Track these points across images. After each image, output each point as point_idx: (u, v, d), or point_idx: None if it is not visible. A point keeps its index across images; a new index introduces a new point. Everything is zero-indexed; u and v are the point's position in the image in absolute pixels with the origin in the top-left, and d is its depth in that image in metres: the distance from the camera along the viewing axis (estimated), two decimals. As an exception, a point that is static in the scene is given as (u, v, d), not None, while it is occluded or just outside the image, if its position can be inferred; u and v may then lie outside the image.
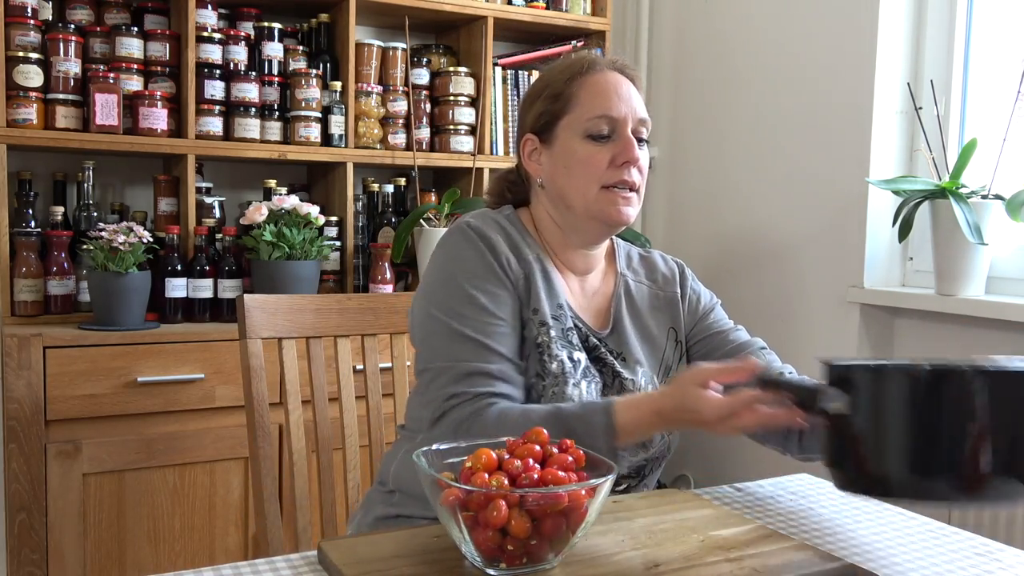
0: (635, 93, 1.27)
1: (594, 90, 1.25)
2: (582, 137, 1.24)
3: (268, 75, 2.39)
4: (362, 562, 0.89)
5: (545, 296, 1.24)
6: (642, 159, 1.26)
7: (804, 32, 2.37)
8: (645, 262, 1.41)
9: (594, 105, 1.24)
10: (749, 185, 2.56)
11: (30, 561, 1.93)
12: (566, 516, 0.85)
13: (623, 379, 1.26)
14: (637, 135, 1.26)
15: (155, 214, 2.34)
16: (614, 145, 1.24)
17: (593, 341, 1.27)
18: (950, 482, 0.89)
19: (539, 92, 1.29)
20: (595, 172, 1.23)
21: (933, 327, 2.13)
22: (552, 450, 0.93)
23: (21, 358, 1.90)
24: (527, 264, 1.25)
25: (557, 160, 1.26)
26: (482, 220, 1.27)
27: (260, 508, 1.42)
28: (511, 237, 1.27)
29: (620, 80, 1.27)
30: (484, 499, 0.84)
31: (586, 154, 1.24)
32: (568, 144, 1.25)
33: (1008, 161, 1.98)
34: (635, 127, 1.25)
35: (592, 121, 1.23)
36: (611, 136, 1.24)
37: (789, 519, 1.12)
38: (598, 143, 1.24)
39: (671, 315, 1.36)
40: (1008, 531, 1.85)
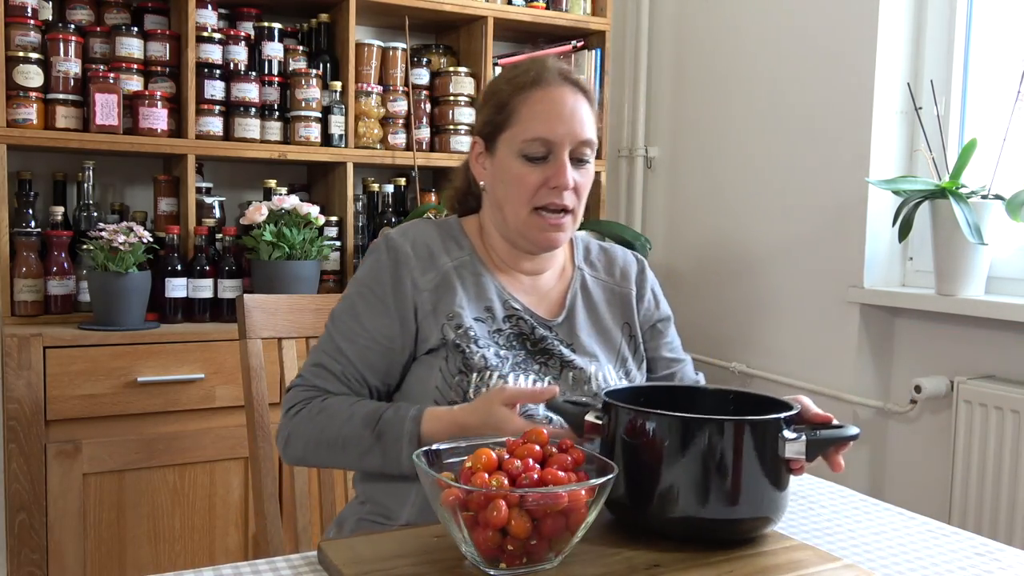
0: (582, 110, 1.24)
1: (535, 108, 1.22)
2: (517, 156, 1.23)
3: (268, 75, 2.39)
4: (362, 562, 0.89)
5: (467, 302, 1.24)
6: (580, 180, 1.24)
7: (804, 32, 2.37)
8: (604, 256, 1.40)
9: (532, 126, 1.22)
10: (749, 185, 2.56)
11: (30, 561, 1.93)
12: (566, 516, 0.86)
13: (575, 368, 1.26)
14: (577, 156, 1.24)
15: (155, 214, 2.34)
16: (548, 167, 1.22)
17: (540, 333, 1.26)
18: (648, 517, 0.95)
19: (488, 98, 1.29)
20: (526, 193, 1.23)
21: (933, 327, 2.13)
22: (552, 450, 0.93)
23: (21, 358, 1.90)
24: (444, 274, 1.25)
25: (496, 172, 1.27)
26: (402, 232, 1.28)
27: (260, 508, 1.42)
28: (434, 245, 1.27)
29: (566, 97, 1.23)
30: (484, 499, 0.84)
31: (519, 174, 1.23)
32: (505, 160, 1.25)
33: (1008, 161, 1.98)
34: (575, 148, 1.23)
35: (528, 143, 1.22)
36: (547, 158, 1.22)
37: (789, 519, 1.12)
38: (533, 164, 1.22)
39: (624, 311, 1.36)
40: (1008, 531, 1.85)
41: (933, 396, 2.06)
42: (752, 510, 0.94)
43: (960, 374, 2.01)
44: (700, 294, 2.74)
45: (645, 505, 0.94)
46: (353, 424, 1.17)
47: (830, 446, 0.98)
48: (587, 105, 1.25)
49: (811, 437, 0.95)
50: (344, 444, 1.17)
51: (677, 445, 0.92)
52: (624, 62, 3.00)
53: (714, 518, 0.93)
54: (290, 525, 1.45)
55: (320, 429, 1.18)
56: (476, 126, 1.31)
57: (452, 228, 1.32)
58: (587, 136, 1.23)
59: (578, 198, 1.25)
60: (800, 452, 0.94)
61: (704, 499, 0.92)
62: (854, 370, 2.23)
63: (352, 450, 1.16)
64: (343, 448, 1.17)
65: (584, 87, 1.26)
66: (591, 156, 1.26)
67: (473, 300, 1.25)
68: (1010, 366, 1.97)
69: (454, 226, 1.33)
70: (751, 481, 0.93)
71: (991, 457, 1.90)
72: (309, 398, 1.22)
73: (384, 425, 1.15)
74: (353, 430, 1.16)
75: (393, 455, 1.13)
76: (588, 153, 1.25)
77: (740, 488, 0.92)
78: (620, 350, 1.33)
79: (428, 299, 1.23)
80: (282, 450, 1.24)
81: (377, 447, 1.14)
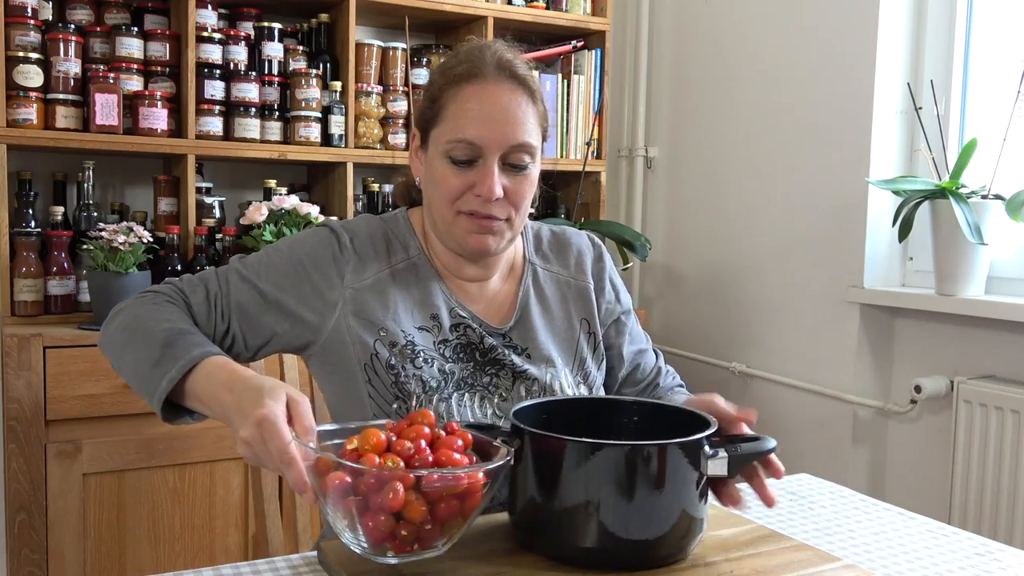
0: (520, 110, 1.10)
1: (462, 106, 1.10)
2: (443, 156, 1.11)
3: (268, 75, 2.39)
4: (362, 562, 0.89)
5: (406, 310, 1.15)
6: (514, 188, 1.11)
7: (804, 32, 2.37)
8: (556, 244, 1.28)
9: (457, 126, 1.09)
10: (749, 184, 2.56)
11: (30, 561, 1.93)
12: (461, 500, 0.82)
13: (527, 378, 1.16)
14: (512, 162, 1.11)
15: (155, 214, 2.34)
16: (475, 173, 1.10)
17: (490, 342, 1.16)
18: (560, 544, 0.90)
19: (426, 87, 1.18)
20: (448, 195, 1.11)
21: (933, 327, 2.13)
22: (440, 433, 0.88)
23: (21, 358, 1.90)
24: (379, 280, 1.15)
25: (427, 170, 1.16)
26: (345, 225, 1.18)
27: (260, 508, 1.42)
28: (376, 245, 1.18)
29: (500, 93, 1.10)
30: (378, 482, 0.79)
31: (443, 175, 1.11)
32: (433, 158, 1.14)
33: (1008, 161, 1.98)
34: (508, 154, 1.10)
35: (452, 144, 1.10)
36: (474, 163, 1.10)
37: (789, 519, 1.12)
38: (458, 167, 1.10)
39: (583, 306, 1.25)
40: (1008, 531, 1.85)
41: (933, 396, 2.06)
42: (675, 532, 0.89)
43: (960, 374, 2.01)
44: (700, 294, 2.74)
45: (558, 531, 0.89)
46: (161, 326, 1.04)
47: (752, 460, 0.95)
48: (527, 103, 1.11)
49: (733, 453, 0.92)
50: (141, 338, 1.04)
51: (594, 470, 0.87)
52: (624, 62, 3.00)
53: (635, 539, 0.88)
54: (290, 525, 1.45)
55: (135, 317, 1.07)
56: (414, 116, 1.20)
57: (400, 226, 1.21)
58: (522, 140, 1.10)
59: (514, 208, 1.12)
60: (722, 470, 0.91)
61: (625, 524, 0.87)
62: (854, 370, 2.23)
63: (139, 348, 1.03)
64: (134, 343, 1.04)
65: (526, 81, 1.12)
66: (531, 161, 1.12)
67: (417, 307, 1.16)
68: (1010, 366, 1.97)
69: (402, 223, 1.22)
70: (671, 503, 0.89)
71: (991, 457, 1.90)
72: (164, 292, 1.12)
73: (185, 339, 1.02)
74: (157, 329, 1.03)
75: (162, 369, 0.99)
76: (526, 158, 1.11)
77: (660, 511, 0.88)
78: (578, 350, 1.23)
79: (353, 299, 1.13)
80: (103, 326, 1.12)
81: (158, 352, 1.00)
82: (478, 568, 0.88)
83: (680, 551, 0.91)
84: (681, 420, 0.98)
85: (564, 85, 2.73)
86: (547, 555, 0.91)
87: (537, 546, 0.92)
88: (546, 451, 0.90)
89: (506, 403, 1.16)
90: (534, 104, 1.13)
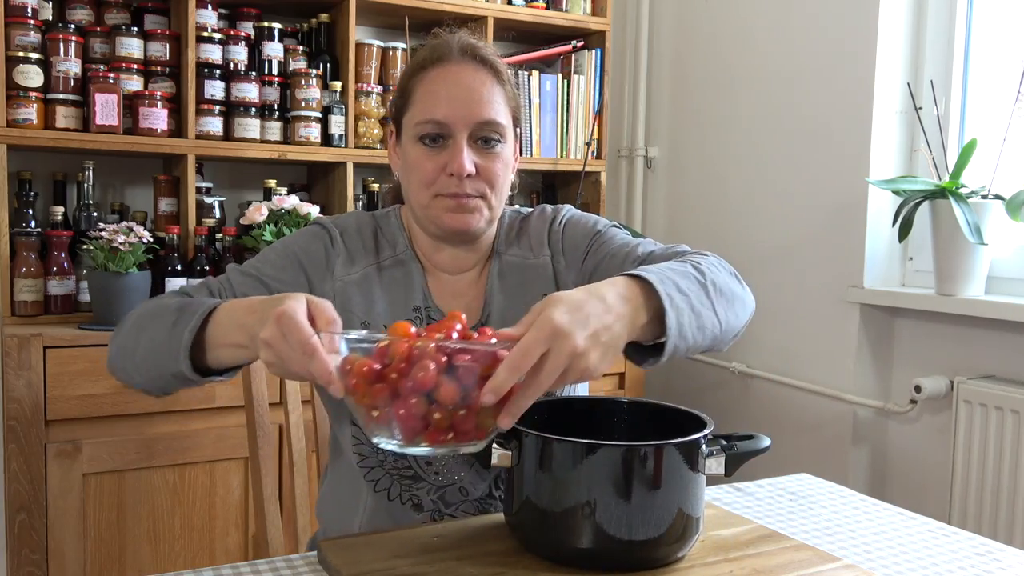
0: (485, 88, 1.13)
1: (428, 88, 1.13)
2: (415, 140, 1.14)
3: (268, 75, 2.39)
4: (362, 562, 0.89)
5: (389, 306, 1.17)
6: (485, 164, 1.13)
7: (804, 32, 2.37)
8: (522, 227, 1.26)
9: (424, 107, 1.12)
10: (749, 185, 2.56)
11: (30, 561, 1.93)
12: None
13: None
14: (483, 138, 1.13)
15: (155, 214, 2.34)
16: (446, 153, 1.12)
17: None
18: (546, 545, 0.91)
19: (397, 82, 1.20)
20: (424, 178, 1.13)
21: (933, 327, 2.13)
22: (473, 333, 0.85)
23: (21, 358, 1.90)
24: (366, 274, 1.17)
25: (402, 159, 1.18)
26: (335, 220, 1.21)
27: (260, 508, 1.42)
28: (365, 240, 1.19)
29: (463, 72, 1.13)
30: (408, 364, 0.77)
31: (416, 159, 1.14)
32: (407, 145, 1.16)
33: (1008, 161, 1.98)
34: (476, 130, 1.12)
35: (421, 125, 1.12)
36: (445, 141, 1.12)
37: (789, 519, 1.12)
38: (430, 148, 1.12)
39: (543, 284, 1.22)
40: (1008, 531, 1.85)
41: (933, 396, 2.06)
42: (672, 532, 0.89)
43: (960, 374, 2.01)
44: (700, 294, 2.74)
45: (555, 532, 0.89)
46: (172, 302, 1.04)
47: (748, 459, 0.94)
48: (493, 82, 1.14)
49: (730, 452, 0.92)
50: (151, 318, 1.03)
51: (591, 470, 0.87)
52: (624, 62, 3.00)
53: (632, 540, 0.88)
54: (290, 525, 1.45)
55: (144, 308, 1.07)
56: (389, 114, 1.23)
57: (391, 223, 1.23)
58: (488, 116, 1.12)
59: (489, 185, 1.14)
60: (719, 470, 0.91)
61: (622, 524, 0.87)
62: (854, 370, 2.23)
63: (150, 325, 1.03)
64: (145, 323, 1.04)
65: (490, 62, 1.15)
66: (501, 138, 1.14)
67: (400, 302, 1.18)
68: (1010, 366, 1.97)
69: (393, 220, 1.24)
70: (669, 504, 0.88)
71: (991, 457, 1.90)
72: (169, 296, 1.11)
73: (194, 303, 1.01)
74: (166, 304, 1.04)
75: (180, 327, 0.97)
76: (494, 136, 1.13)
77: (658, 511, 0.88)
78: None
79: (342, 291, 1.16)
80: (110, 343, 1.10)
81: (172, 317, 1.00)
82: (477, 568, 0.88)
83: (678, 551, 0.91)
84: (677, 419, 0.98)
85: (564, 85, 2.73)
86: (545, 556, 0.91)
87: (535, 547, 0.92)
88: (543, 452, 0.90)
89: None
90: (500, 85, 1.15)
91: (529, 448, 0.91)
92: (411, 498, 1.16)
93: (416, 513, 1.16)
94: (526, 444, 0.91)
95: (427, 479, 1.16)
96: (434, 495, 1.15)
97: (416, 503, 1.16)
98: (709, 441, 0.92)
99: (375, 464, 1.17)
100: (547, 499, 0.90)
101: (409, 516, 1.15)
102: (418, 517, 1.15)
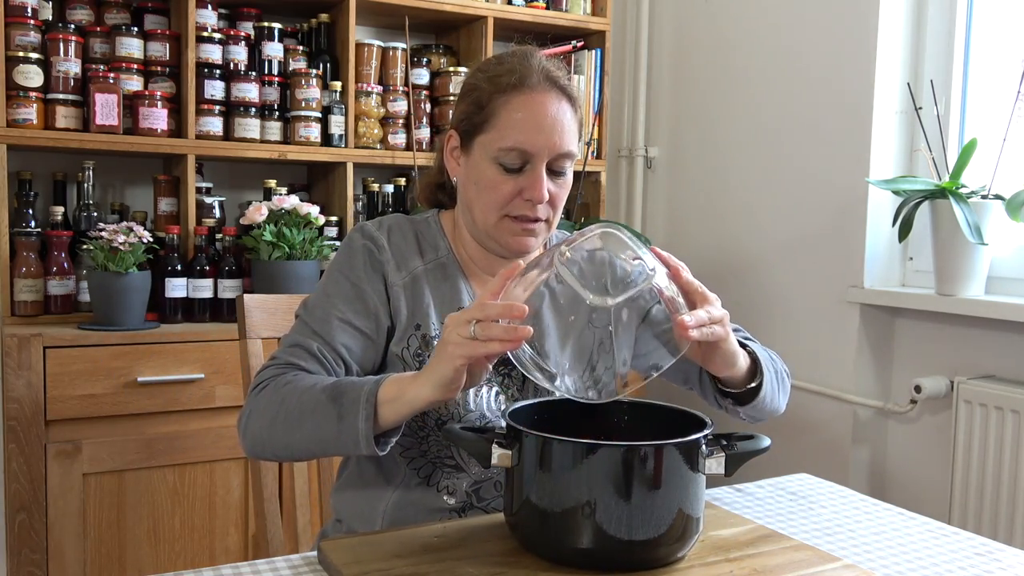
0: (565, 117, 1.17)
1: (515, 116, 1.15)
2: (492, 162, 1.16)
3: (268, 75, 2.39)
4: (362, 562, 0.89)
5: (436, 308, 1.20)
6: (556, 191, 1.18)
7: (804, 32, 2.37)
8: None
9: (510, 134, 1.15)
10: (749, 185, 2.56)
11: (30, 561, 1.93)
12: None
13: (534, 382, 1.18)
14: (556, 169, 1.17)
15: (155, 214, 2.34)
16: (524, 178, 1.16)
17: None
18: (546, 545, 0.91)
19: (467, 92, 1.21)
20: (498, 200, 1.17)
21: (933, 327, 2.13)
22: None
23: (21, 358, 1.90)
24: (415, 277, 1.20)
25: (470, 172, 1.20)
26: (379, 224, 1.23)
27: (260, 508, 1.42)
28: (409, 244, 1.22)
29: (548, 103, 1.16)
30: None
31: (492, 181, 1.17)
32: (480, 163, 1.18)
33: (1008, 161, 1.98)
34: (554, 160, 1.16)
35: (504, 151, 1.15)
36: (523, 168, 1.16)
37: (789, 519, 1.12)
38: (507, 173, 1.16)
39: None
40: (1008, 531, 1.85)
41: (933, 396, 2.06)
42: (672, 532, 0.89)
43: (960, 374, 2.01)
44: (700, 294, 2.74)
45: (555, 532, 0.89)
46: (314, 392, 1.07)
47: (749, 459, 0.94)
48: (571, 112, 1.18)
49: (730, 452, 0.92)
50: (301, 413, 1.06)
51: (591, 470, 0.88)
52: (624, 62, 3.00)
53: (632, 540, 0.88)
54: (290, 525, 1.45)
55: (281, 400, 1.09)
56: (453, 119, 1.23)
57: (430, 227, 1.27)
58: (568, 148, 1.17)
59: (553, 209, 1.20)
60: (719, 469, 0.92)
61: (622, 524, 0.87)
62: (854, 370, 2.23)
63: (308, 420, 1.06)
64: (299, 418, 1.06)
65: (569, 91, 1.19)
66: (570, 167, 1.20)
67: (445, 304, 1.21)
68: (1010, 366, 1.97)
69: (432, 225, 1.27)
70: (669, 504, 0.88)
71: (991, 457, 1.90)
72: (279, 375, 1.13)
73: (344, 386, 1.05)
74: (312, 396, 1.07)
75: (350, 419, 1.02)
76: (567, 165, 1.19)
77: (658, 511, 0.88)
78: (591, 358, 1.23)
79: (397, 296, 1.19)
80: (242, 433, 1.13)
81: (333, 410, 1.04)
82: (477, 568, 0.88)
83: (678, 551, 0.91)
84: (677, 419, 0.98)
85: (564, 85, 2.73)
86: (545, 556, 0.91)
87: (535, 547, 0.92)
88: (543, 452, 0.90)
89: (518, 400, 1.18)
90: (575, 114, 1.19)
91: (529, 448, 0.91)
92: (447, 486, 1.17)
93: (449, 500, 1.16)
94: (526, 444, 0.91)
95: (468, 471, 1.17)
96: (470, 487, 1.17)
97: (451, 491, 1.17)
98: (709, 441, 0.92)
99: (417, 454, 1.18)
100: (547, 499, 0.89)
101: (439, 504, 1.16)
102: (449, 504, 1.16)
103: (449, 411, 1.16)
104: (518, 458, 0.91)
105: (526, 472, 0.91)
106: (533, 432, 0.91)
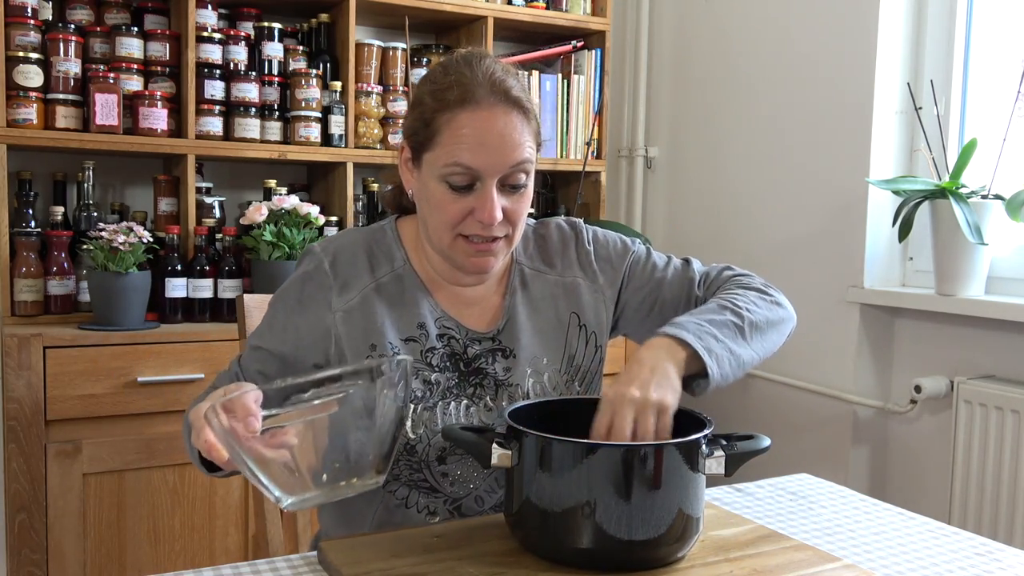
0: (515, 131, 1.08)
1: (459, 133, 1.07)
2: (440, 180, 1.09)
3: (268, 75, 2.39)
4: (362, 562, 0.89)
5: (393, 323, 1.15)
6: (513, 207, 1.11)
7: (804, 32, 2.37)
8: (539, 244, 1.26)
9: (454, 151, 1.07)
10: (749, 185, 2.56)
11: (30, 561, 1.93)
12: None
13: (510, 386, 1.17)
14: (511, 183, 1.10)
15: (155, 214, 2.34)
16: (475, 198, 1.09)
17: (474, 351, 1.17)
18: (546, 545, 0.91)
19: (414, 105, 1.14)
20: (448, 221, 1.10)
21: (933, 327, 2.13)
22: None
23: (21, 358, 1.90)
24: (364, 296, 1.15)
25: (420, 189, 1.14)
26: (324, 248, 1.18)
27: (260, 508, 1.42)
28: (358, 261, 1.18)
29: (494, 118, 1.07)
30: None
31: (441, 200, 1.10)
32: (428, 181, 1.11)
33: (1008, 161, 1.98)
34: (507, 176, 1.09)
35: (449, 168, 1.08)
36: (472, 187, 1.09)
37: (789, 519, 1.12)
38: (456, 192, 1.09)
39: (572, 300, 1.23)
40: (1008, 531, 1.85)
41: (933, 396, 2.06)
42: (672, 532, 0.90)
43: (960, 374, 2.01)
44: (700, 294, 2.74)
45: (555, 532, 0.90)
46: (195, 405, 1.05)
47: (748, 459, 0.94)
48: (521, 121, 1.10)
49: (730, 452, 0.93)
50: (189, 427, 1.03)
51: (591, 471, 0.88)
52: (624, 62, 3.00)
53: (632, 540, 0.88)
54: (290, 525, 1.45)
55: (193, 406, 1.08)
56: (404, 130, 1.17)
57: (386, 238, 1.21)
58: (520, 159, 1.09)
59: (512, 225, 1.12)
60: (719, 470, 0.92)
61: (622, 524, 0.87)
62: (854, 370, 2.23)
63: (187, 433, 1.07)
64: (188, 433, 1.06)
65: (518, 100, 1.10)
66: (527, 179, 1.12)
67: (402, 320, 1.16)
68: (1010, 366, 1.97)
69: (389, 234, 1.21)
70: (669, 504, 0.89)
71: (991, 457, 1.90)
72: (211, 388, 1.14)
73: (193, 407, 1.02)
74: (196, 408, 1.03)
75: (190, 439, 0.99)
76: (523, 177, 1.11)
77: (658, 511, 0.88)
78: (567, 346, 1.21)
79: (344, 320, 1.14)
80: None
81: (187, 427, 1.04)
82: (477, 568, 0.88)
83: (678, 551, 0.91)
84: (677, 419, 0.98)
85: (564, 85, 2.73)
86: (545, 556, 0.91)
87: (535, 547, 0.92)
88: (543, 452, 0.90)
89: (491, 412, 1.16)
90: (528, 123, 1.11)
91: (529, 448, 0.91)
92: (427, 506, 1.15)
93: (431, 519, 1.15)
94: (526, 444, 0.91)
95: (443, 491, 1.15)
96: (450, 506, 1.15)
97: (432, 511, 1.15)
98: (709, 441, 0.92)
99: (390, 478, 1.15)
100: (547, 499, 0.90)
101: (423, 523, 1.14)
102: (432, 523, 1.14)
103: (417, 435, 1.13)
104: (518, 458, 0.92)
105: (526, 472, 0.91)
106: (533, 432, 0.91)
